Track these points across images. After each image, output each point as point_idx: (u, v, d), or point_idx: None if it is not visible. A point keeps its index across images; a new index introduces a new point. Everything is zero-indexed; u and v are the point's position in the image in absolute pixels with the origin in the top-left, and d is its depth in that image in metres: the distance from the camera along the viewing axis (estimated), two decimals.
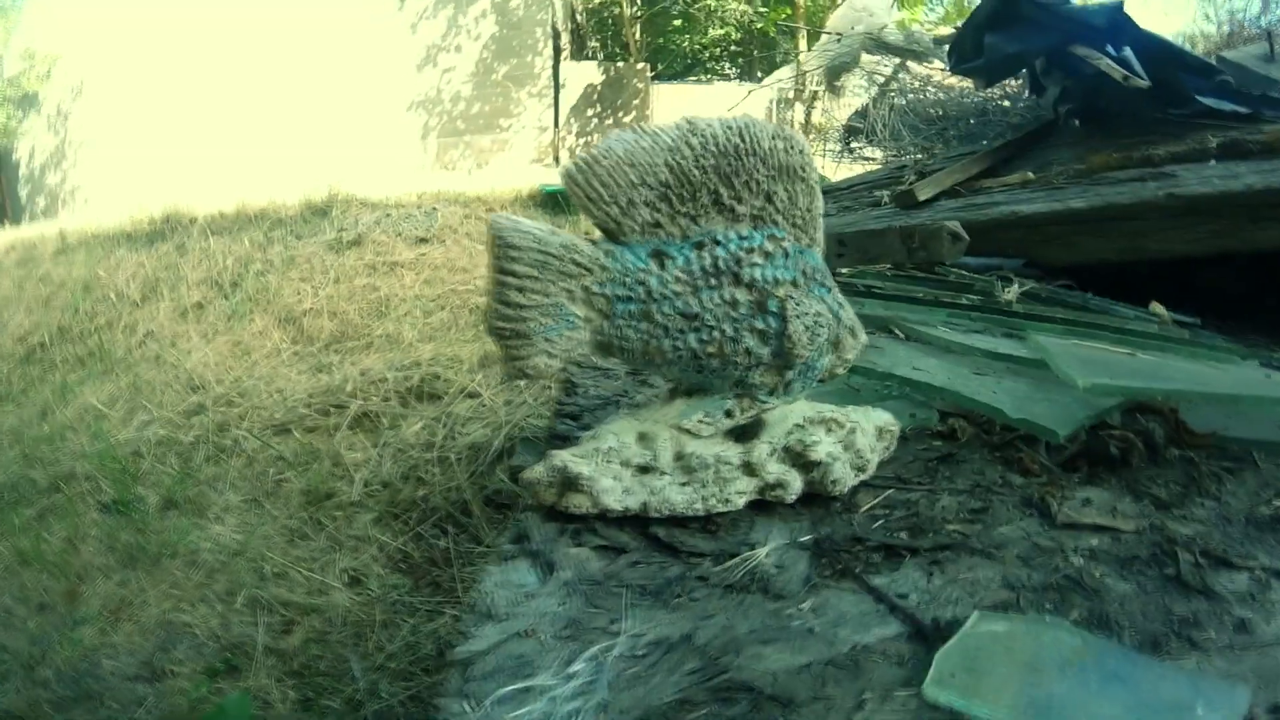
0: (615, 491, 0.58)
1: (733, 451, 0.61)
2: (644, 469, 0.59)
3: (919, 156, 3.11)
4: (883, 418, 0.68)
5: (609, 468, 0.58)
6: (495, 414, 2.49)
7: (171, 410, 2.97)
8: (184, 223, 4.58)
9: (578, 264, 0.57)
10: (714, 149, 0.57)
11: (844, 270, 1.55)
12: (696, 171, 0.57)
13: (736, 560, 0.54)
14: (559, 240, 0.56)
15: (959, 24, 3.52)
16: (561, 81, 7.39)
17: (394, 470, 2.39)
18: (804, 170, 0.59)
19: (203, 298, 3.93)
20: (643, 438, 0.60)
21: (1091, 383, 0.76)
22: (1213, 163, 1.83)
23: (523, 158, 6.97)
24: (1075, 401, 0.78)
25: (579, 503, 0.58)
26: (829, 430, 0.64)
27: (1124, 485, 0.74)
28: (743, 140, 0.57)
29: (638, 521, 0.60)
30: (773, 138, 0.58)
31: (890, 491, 0.66)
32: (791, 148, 0.59)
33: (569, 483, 0.58)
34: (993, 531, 0.62)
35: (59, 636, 1.75)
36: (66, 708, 1.52)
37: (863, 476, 0.66)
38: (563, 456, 0.59)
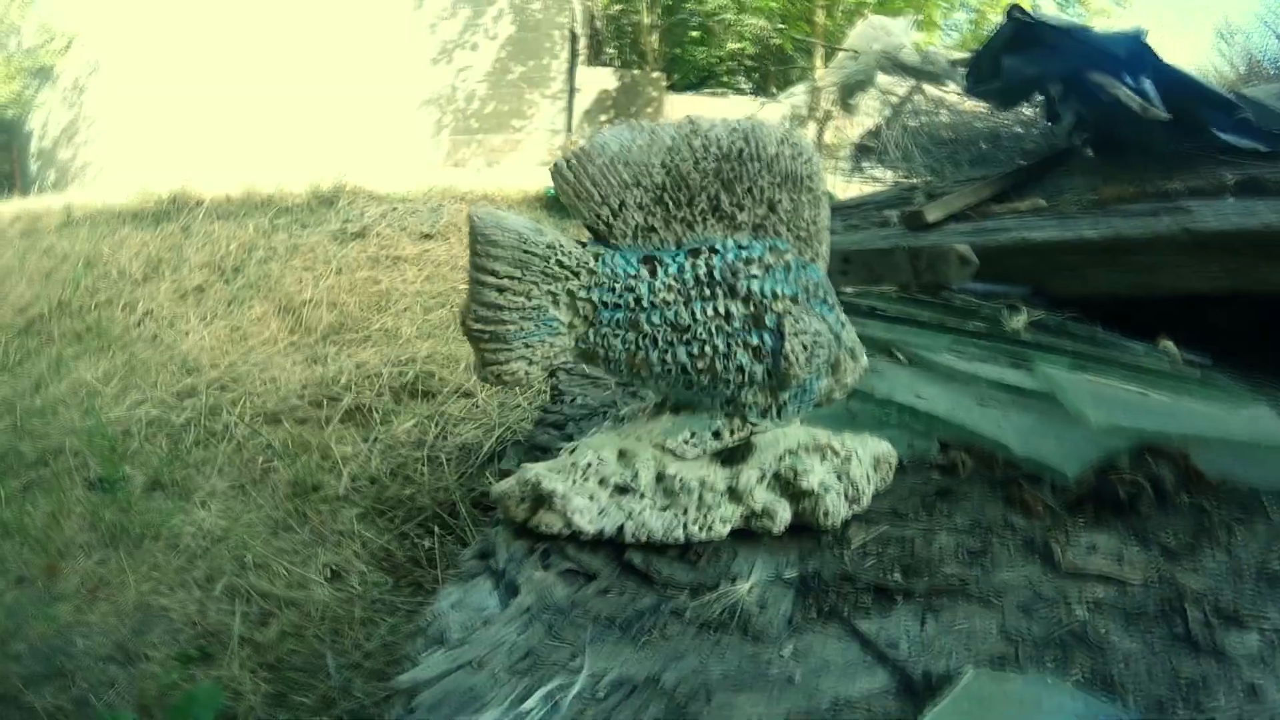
0: (590, 512, 0.54)
1: (719, 475, 0.57)
2: (622, 489, 0.55)
3: (929, 179, 3.08)
4: (881, 447, 0.64)
5: (585, 486, 0.54)
6: (488, 415, 2.47)
7: (165, 391, 2.95)
8: (190, 204, 4.58)
9: (563, 266, 0.53)
10: (716, 151, 0.53)
11: (848, 289, 1.51)
12: (696, 175, 0.53)
13: (715, 595, 0.50)
14: (544, 239, 0.52)
15: (975, 48, 3.50)
16: (576, 86, 7.41)
17: (383, 466, 2.36)
18: (810, 179, 0.55)
19: (204, 281, 3.92)
20: (623, 455, 0.56)
21: (1106, 422, 0.72)
22: (1230, 199, 1.79)
23: (533, 159, 6.96)
24: (1085, 440, 0.74)
25: (550, 522, 0.54)
26: (823, 458, 0.60)
27: (1131, 531, 0.70)
28: (747, 144, 0.53)
29: (612, 546, 0.55)
30: (779, 143, 0.54)
31: (885, 527, 0.62)
32: (798, 155, 0.55)
33: (541, 500, 0.54)
34: (992, 576, 0.58)
35: (35, 611, 1.73)
36: (37, 684, 1.51)
37: (856, 509, 0.62)
38: (536, 471, 0.55)
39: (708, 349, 0.55)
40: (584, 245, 0.55)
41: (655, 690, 0.43)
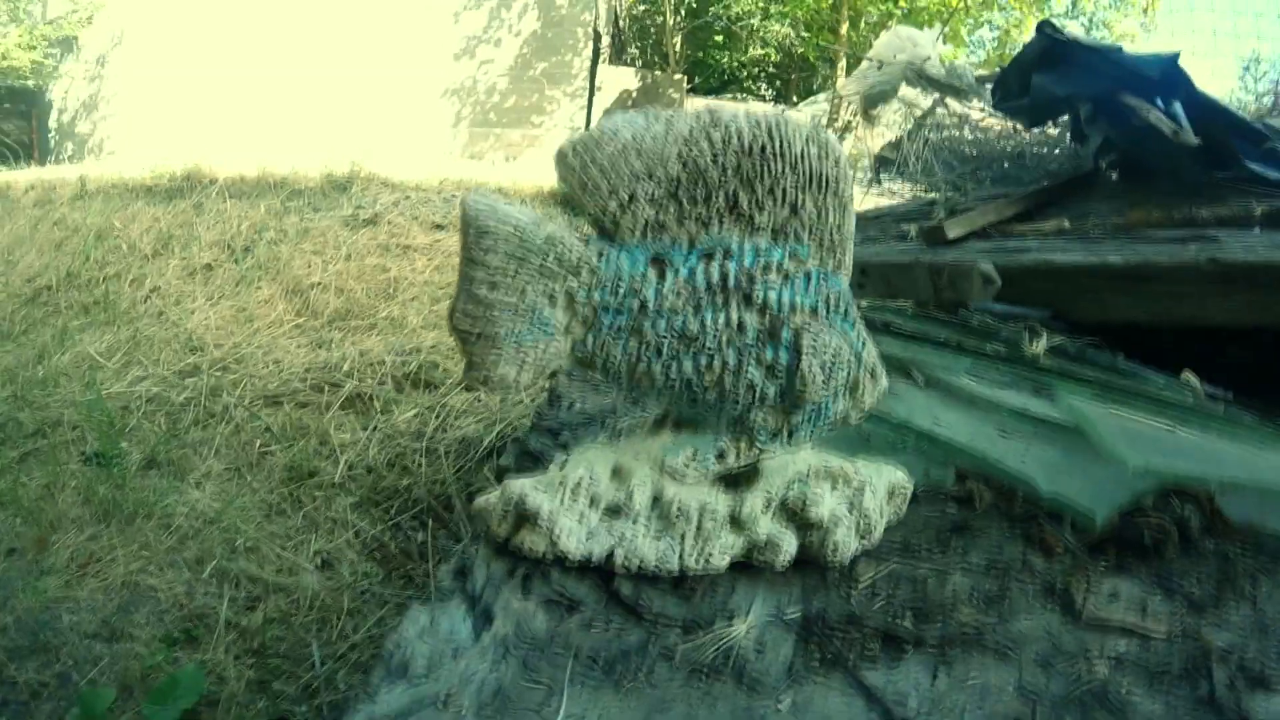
0: (578, 534, 0.49)
1: (721, 501, 0.52)
2: (614, 511, 0.51)
3: (950, 194, 3.04)
4: (896, 476, 0.59)
5: (574, 505, 0.50)
6: (490, 410, 2.43)
7: (167, 368, 2.93)
8: (204, 182, 4.57)
9: (562, 263, 0.48)
10: (737, 146, 0.48)
11: (863, 303, 1.47)
12: (714, 170, 0.49)
13: (709, 634, 0.46)
14: (542, 232, 0.48)
15: (1000, 65, 3.46)
16: (598, 84, 7.38)
17: (380, 456, 2.33)
18: (837, 182, 0.51)
19: (213, 259, 3.91)
20: (618, 473, 0.52)
21: (1143, 465, 0.67)
22: (1257, 230, 1.74)
23: (551, 155, 6.91)
24: (1111, 479, 0.69)
25: (534, 543, 0.49)
26: (834, 486, 0.55)
27: (1154, 578, 0.66)
28: (771, 140, 0.49)
29: (600, 573, 0.51)
30: (806, 141, 0.49)
31: (896, 564, 0.58)
32: (826, 155, 0.50)
33: (525, 517, 0.50)
34: (1009, 625, 0.54)
35: (23, 584, 1.71)
36: (20, 658, 1.48)
37: (866, 544, 0.57)
38: (521, 486, 0.50)
39: (716, 362, 0.50)
40: (586, 241, 0.50)
41: None
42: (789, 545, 0.53)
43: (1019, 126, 3.31)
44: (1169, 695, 0.51)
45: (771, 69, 11.55)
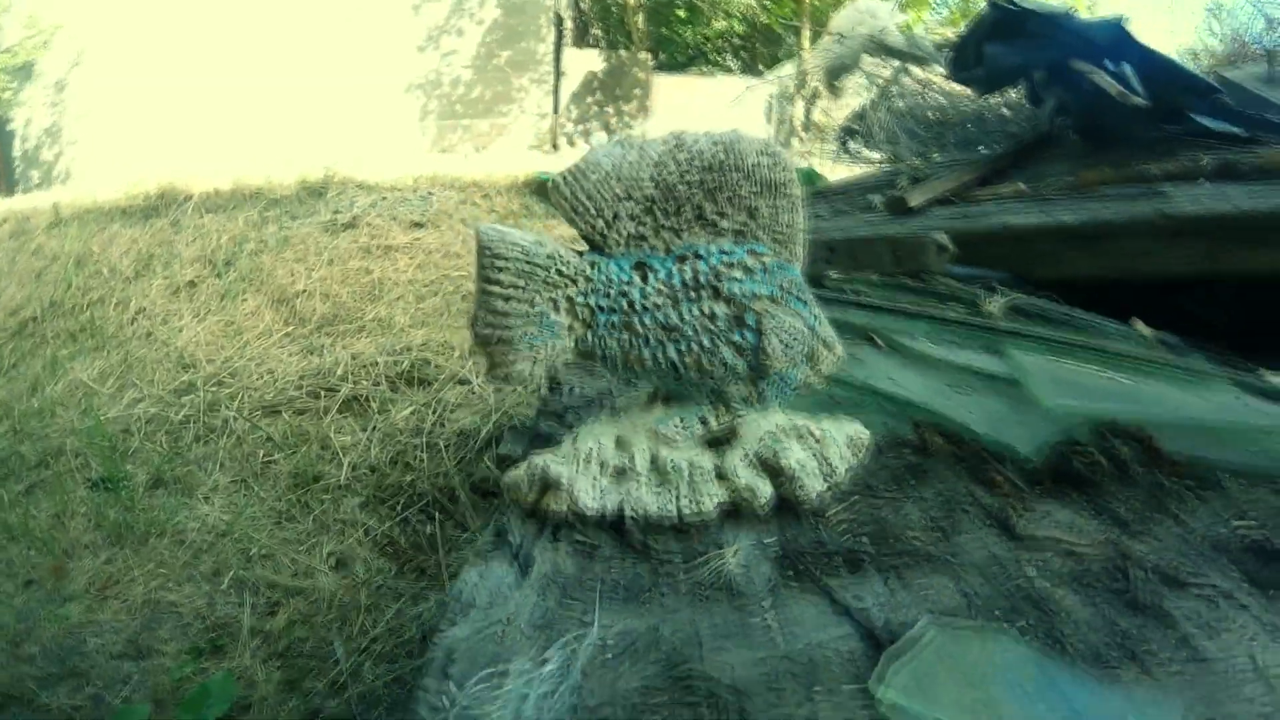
0: (592, 494, 0.60)
1: (707, 459, 0.63)
2: (620, 472, 0.62)
3: (914, 161, 3.12)
4: (853, 428, 0.70)
5: (587, 471, 0.61)
6: (485, 401, 2.50)
7: (162, 388, 2.95)
8: (179, 199, 4.54)
9: (562, 274, 0.59)
10: (699, 164, 0.59)
11: (833, 275, 1.56)
12: (681, 186, 0.59)
13: (705, 563, 0.57)
14: (545, 251, 0.58)
15: (961, 31, 3.52)
16: (563, 69, 7.35)
17: (382, 455, 2.39)
18: (787, 186, 0.61)
19: (196, 276, 3.90)
20: (620, 442, 0.63)
21: (1058, 404, 0.78)
22: (1205, 183, 1.83)
23: (521, 143, 6.94)
24: (1046, 422, 0.80)
25: (557, 504, 0.60)
26: (801, 440, 0.66)
27: (1088, 503, 0.74)
28: (728, 156, 0.59)
29: (613, 524, 0.62)
30: (758, 154, 0.60)
31: (857, 500, 0.69)
32: (776, 164, 0.61)
33: (548, 484, 0.61)
34: (953, 543, 0.65)
35: (45, 613, 1.74)
36: (51, 684, 1.52)
37: (831, 483, 0.69)
38: (544, 459, 0.61)
39: (695, 347, 0.62)
40: (581, 254, 0.61)
41: (655, 639, 0.50)
42: (765, 490, 0.65)
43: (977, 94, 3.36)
44: (1090, 592, 0.59)
45: (737, 40, 11.50)
